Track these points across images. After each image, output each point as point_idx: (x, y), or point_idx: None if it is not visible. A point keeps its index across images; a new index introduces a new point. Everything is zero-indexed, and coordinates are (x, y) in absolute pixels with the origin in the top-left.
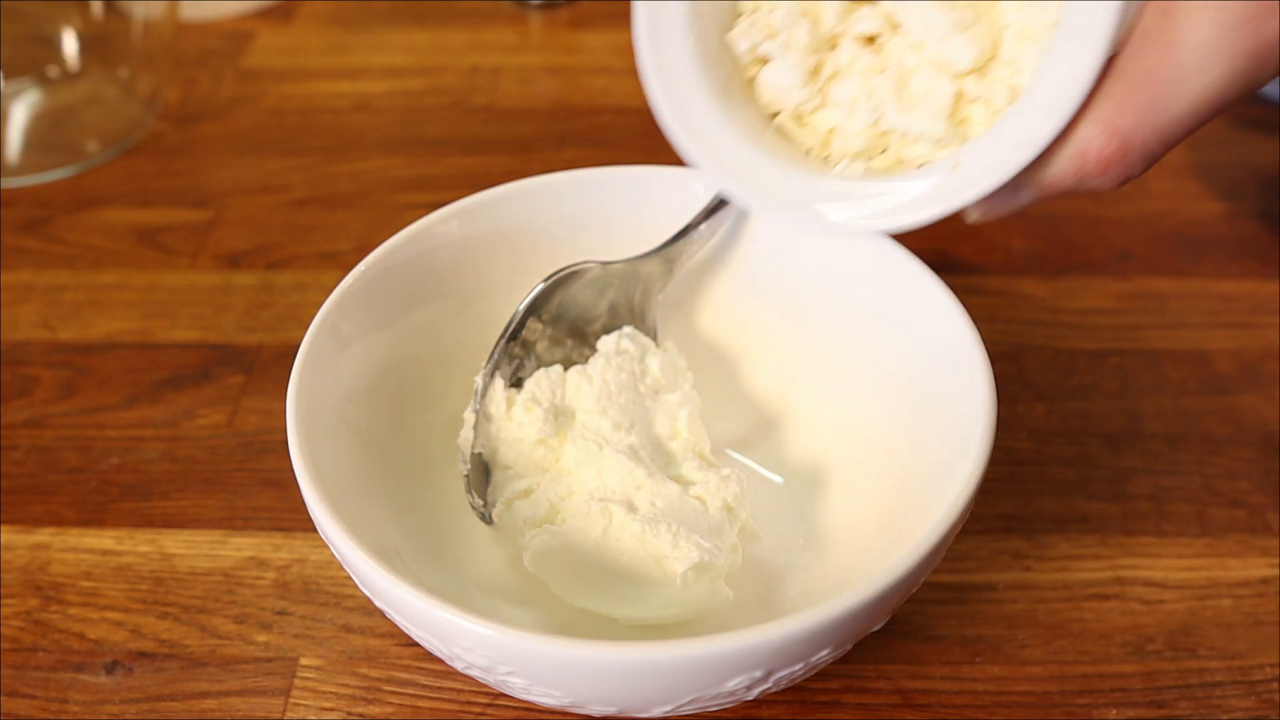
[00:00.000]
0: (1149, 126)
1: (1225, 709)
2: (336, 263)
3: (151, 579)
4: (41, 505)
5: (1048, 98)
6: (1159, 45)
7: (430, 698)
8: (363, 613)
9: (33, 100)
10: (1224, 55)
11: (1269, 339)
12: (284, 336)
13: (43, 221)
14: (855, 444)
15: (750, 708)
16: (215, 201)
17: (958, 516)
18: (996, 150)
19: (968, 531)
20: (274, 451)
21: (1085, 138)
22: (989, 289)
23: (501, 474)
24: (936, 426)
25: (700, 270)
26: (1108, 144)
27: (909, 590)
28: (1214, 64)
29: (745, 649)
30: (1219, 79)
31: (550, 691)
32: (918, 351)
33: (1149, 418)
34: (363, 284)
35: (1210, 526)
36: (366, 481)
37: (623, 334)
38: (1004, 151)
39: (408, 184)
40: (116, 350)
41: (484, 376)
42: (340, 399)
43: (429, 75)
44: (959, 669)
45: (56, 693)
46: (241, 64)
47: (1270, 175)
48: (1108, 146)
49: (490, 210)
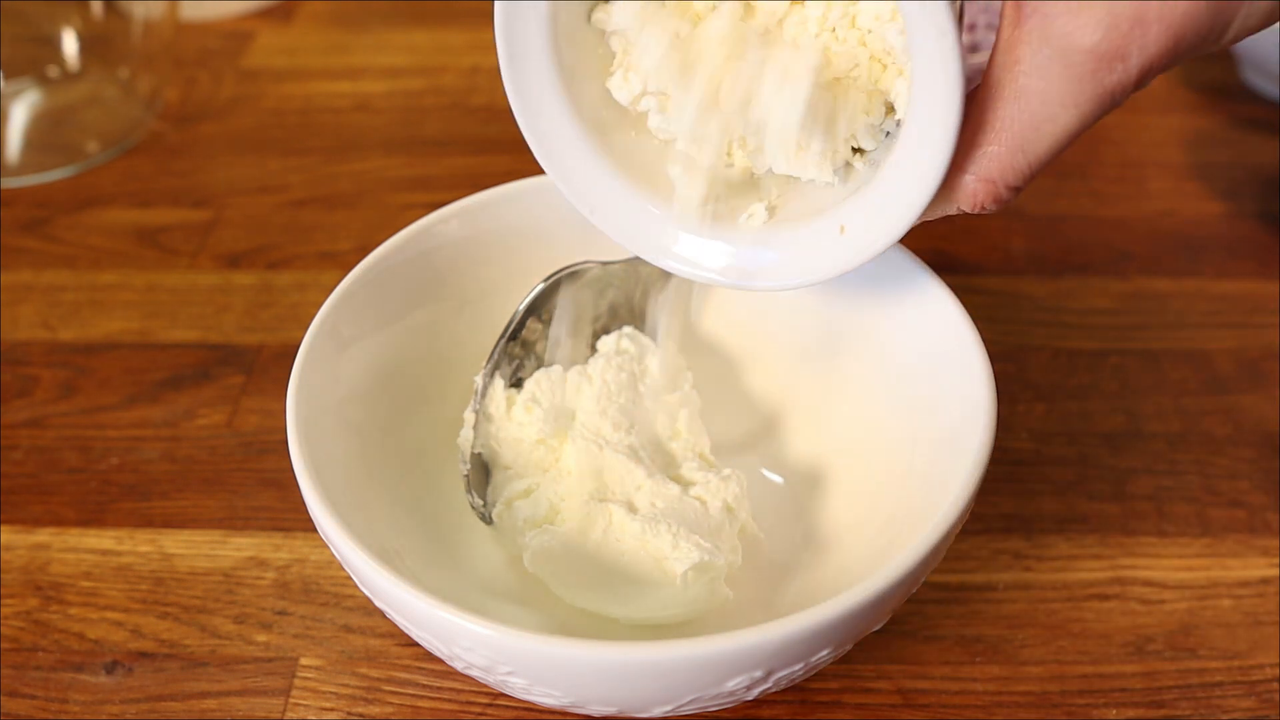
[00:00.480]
0: (1013, 170)
1: (1225, 709)
2: (336, 263)
3: (151, 579)
4: (41, 505)
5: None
6: (1010, 97)
7: (430, 698)
8: (363, 613)
9: (33, 100)
10: (1071, 105)
11: (1269, 339)
12: (284, 336)
13: (43, 221)
14: (855, 444)
15: (750, 708)
16: (215, 201)
17: (958, 516)
18: (879, 215)
19: (968, 531)
20: (274, 451)
21: (956, 185)
22: (989, 289)
23: (501, 474)
24: (936, 426)
25: None
26: (978, 190)
27: (909, 590)
28: (1063, 112)
29: (745, 649)
30: (1070, 123)
31: (550, 691)
32: (918, 351)
33: (1149, 418)
34: (363, 284)
35: (1210, 526)
36: (366, 481)
37: (623, 334)
38: (888, 217)
39: (408, 184)
40: (116, 350)
41: (484, 376)
42: (340, 399)
43: (429, 75)
44: (959, 669)
45: (56, 693)
46: (241, 64)
47: (1270, 175)
48: (979, 192)
49: (490, 210)
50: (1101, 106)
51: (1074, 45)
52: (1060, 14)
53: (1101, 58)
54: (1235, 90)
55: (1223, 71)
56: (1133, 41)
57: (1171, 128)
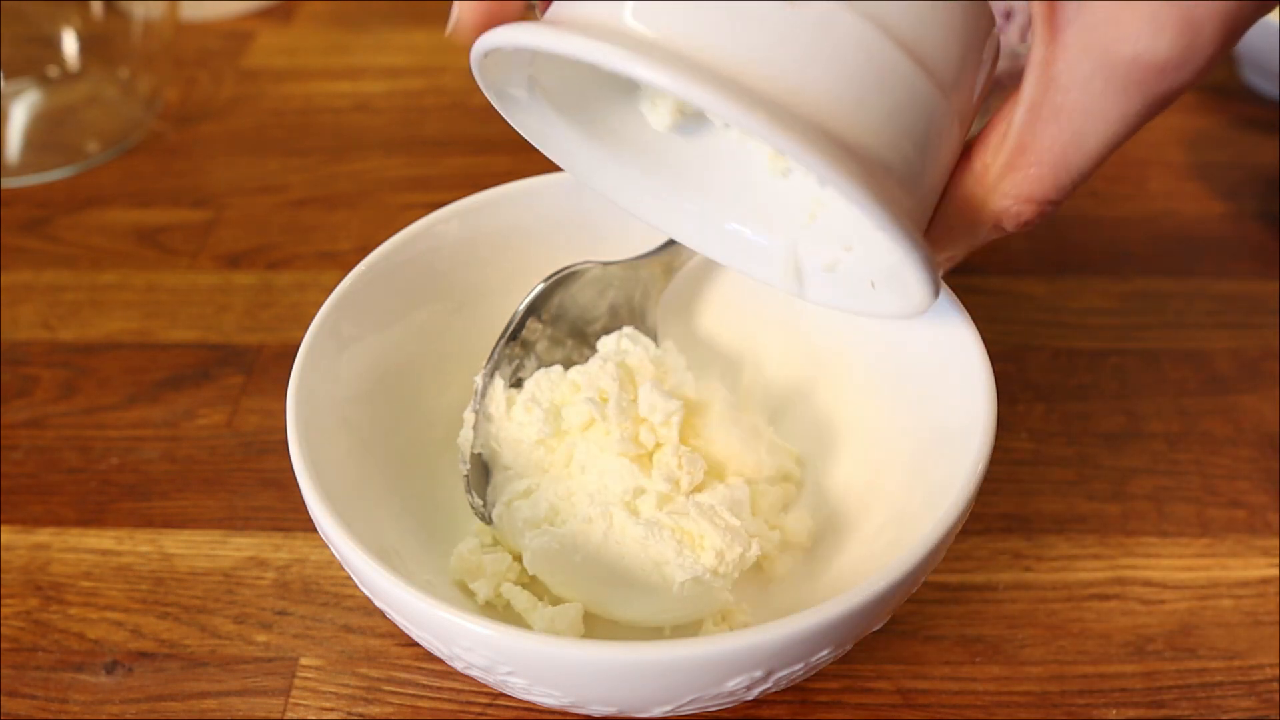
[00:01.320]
0: (1056, 188)
1: (1225, 709)
2: (336, 263)
3: (151, 579)
4: (41, 505)
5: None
6: (1049, 117)
7: (430, 698)
8: (363, 613)
9: (33, 100)
10: (1116, 118)
11: (1269, 339)
12: (284, 336)
13: (43, 221)
14: (854, 444)
15: (750, 708)
16: (215, 201)
17: (957, 517)
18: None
19: (968, 531)
20: (274, 451)
21: (1004, 210)
22: (989, 289)
23: (501, 474)
24: (936, 426)
25: (700, 270)
26: (1024, 210)
27: (909, 590)
28: (1108, 126)
29: (745, 649)
30: (1117, 134)
31: (550, 691)
32: (918, 351)
33: (1149, 418)
34: (363, 284)
35: (1210, 526)
36: (366, 481)
37: (623, 334)
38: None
39: (408, 184)
40: (116, 350)
41: (484, 377)
42: (340, 399)
43: (429, 75)
44: (959, 669)
45: (56, 693)
46: (241, 64)
47: (1270, 175)
48: (1026, 212)
49: (490, 210)
50: (1150, 113)
51: (1119, 56)
52: (1101, 23)
53: (1149, 67)
54: (1235, 90)
55: (1223, 71)
56: (1184, 45)
57: (1171, 128)
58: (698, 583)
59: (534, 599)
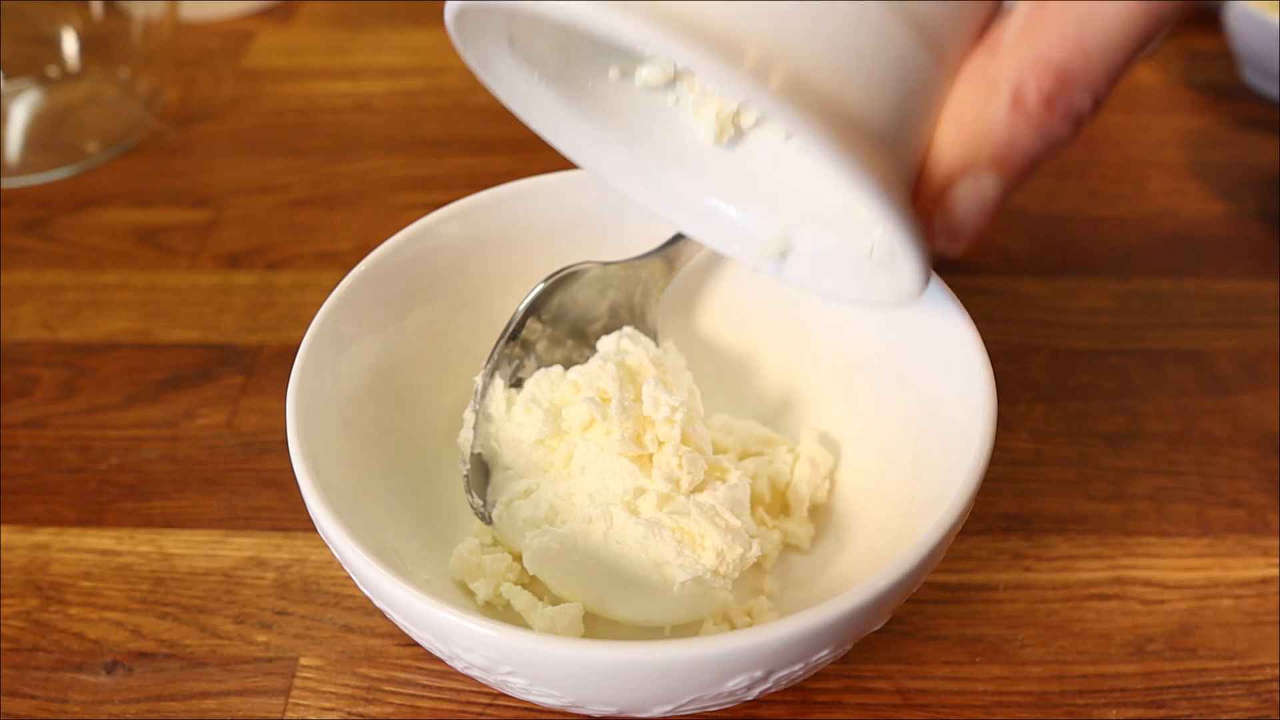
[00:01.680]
0: (1084, 53)
1: (1225, 709)
2: (336, 263)
3: (151, 579)
4: (41, 505)
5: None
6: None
7: (430, 698)
8: (363, 613)
9: (33, 100)
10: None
11: (1269, 339)
12: (284, 336)
13: (43, 221)
14: (855, 444)
15: (750, 708)
16: (215, 201)
17: (958, 516)
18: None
19: (968, 531)
20: (274, 451)
21: (1021, 83)
22: (989, 289)
23: (501, 474)
24: (936, 426)
25: (700, 270)
26: (1044, 82)
27: (909, 590)
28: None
29: (745, 649)
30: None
31: (550, 691)
32: (918, 351)
33: (1149, 418)
34: (363, 284)
35: (1210, 526)
36: (366, 481)
37: (623, 334)
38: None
39: (408, 184)
40: (116, 350)
41: (484, 377)
42: (340, 399)
43: (429, 75)
44: (959, 669)
45: (56, 693)
46: (241, 64)
47: (1270, 175)
48: (1045, 84)
49: (490, 210)
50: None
51: None
52: None
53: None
54: (1235, 90)
55: (1223, 71)
56: None
57: (1171, 128)
58: (698, 583)
59: (534, 599)
